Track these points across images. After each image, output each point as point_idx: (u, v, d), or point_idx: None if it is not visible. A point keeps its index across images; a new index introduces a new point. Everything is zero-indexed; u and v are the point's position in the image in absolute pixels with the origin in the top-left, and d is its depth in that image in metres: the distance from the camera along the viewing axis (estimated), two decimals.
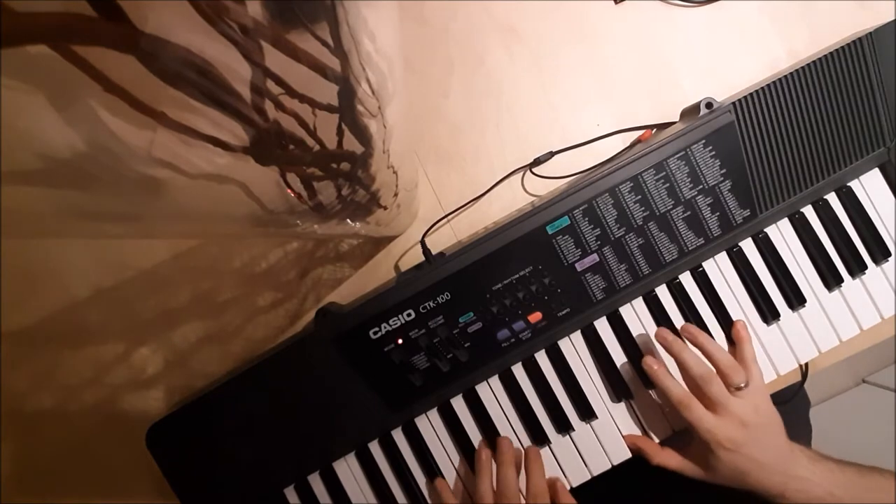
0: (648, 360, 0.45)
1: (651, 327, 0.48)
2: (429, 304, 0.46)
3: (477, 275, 0.46)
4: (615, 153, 0.52)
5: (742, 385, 0.43)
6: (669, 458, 0.45)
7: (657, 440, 0.47)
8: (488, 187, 0.52)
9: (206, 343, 0.53)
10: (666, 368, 0.45)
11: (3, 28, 0.09)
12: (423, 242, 0.47)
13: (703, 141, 0.45)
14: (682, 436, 0.46)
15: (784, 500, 0.41)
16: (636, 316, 0.49)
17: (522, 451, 0.48)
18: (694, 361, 0.44)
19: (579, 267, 0.46)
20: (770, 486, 0.41)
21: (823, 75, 0.45)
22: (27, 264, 0.53)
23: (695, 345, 0.46)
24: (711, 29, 0.52)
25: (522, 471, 0.47)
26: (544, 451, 0.48)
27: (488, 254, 0.45)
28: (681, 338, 0.46)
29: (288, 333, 0.53)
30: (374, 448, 0.50)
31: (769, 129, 0.45)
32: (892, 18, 0.45)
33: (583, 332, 0.49)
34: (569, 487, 0.48)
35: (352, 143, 0.23)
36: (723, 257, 0.48)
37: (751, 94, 0.45)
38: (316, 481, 0.49)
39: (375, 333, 0.46)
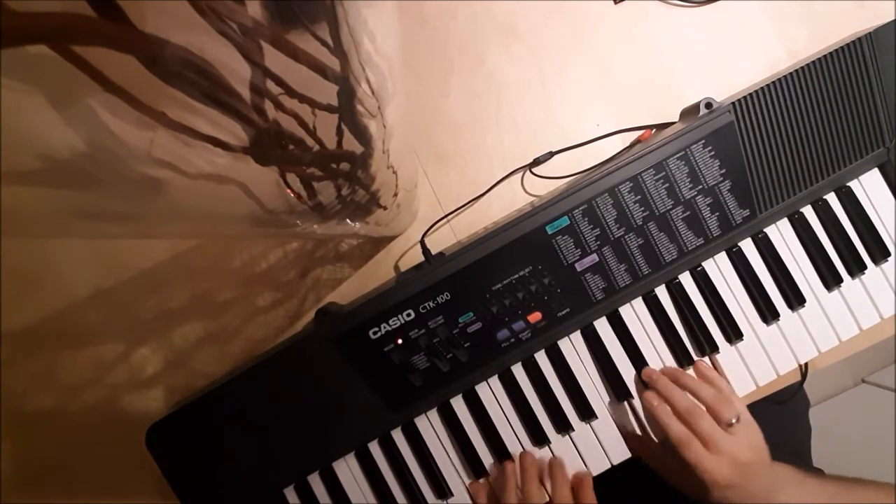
0: (648, 396, 0.45)
1: (651, 327, 0.48)
2: (429, 304, 0.46)
3: (477, 275, 0.46)
4: (615, 153, 0.52)
5: (733, 421, 0.42)
6: (657, 463, 0.46)
7: (658, 440, 0.47)
8: (488, 187, 0.52)
9: (206, 343, 0.53)
10: (666, 407, 0.45)
11: (3, 28, 0.09)
12: (422, 242, 0.47)
13: (703, 141, 0.45)
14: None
15: None
16: (636, 316, 0.49)
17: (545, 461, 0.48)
18: (679, 397, 0.44)
19: (579, 267, 0.46)
20: None
21: (823, 75, 0.45)
22: (27, 264, 0.53)
23: (679, 386, 0.46)
24: (711, 29, 0.52)
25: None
26: (543, 452, 0.48)
27: (488, 254, 0.45)
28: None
29: (288, 333, 0.53)
30: (374, 448, 0.50)
31: (769, 130, 0.45)
32: (892, 18, 0.45)
33: (582, 332, 0.49)
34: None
35: (352, 143, 0.23)
36: (722, 257, 0.49)
37: (750, 94, 0.45)
38: (316, 481, 0.49)
39: (375, 333, 0.46)
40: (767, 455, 0.43)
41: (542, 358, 0.49)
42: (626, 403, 0.48)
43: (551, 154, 0.52)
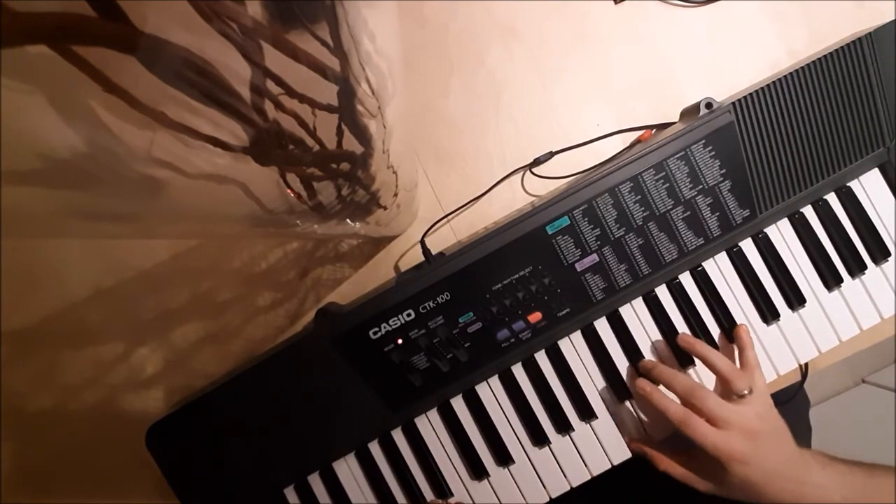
0: (641, 383, 0.45)
1: (651, 327, 0.48)
2: (429, 304, 0.46)
3: (477, 275, 0.46)
4: (615, 153, 0.52)
5: (745, 392, 0.42)
6: (676, 469, 0.45)
7: (658, 440, 0.47)
8: (488, 187, 0.52)
9: (206, 343, 0.53)
10: (660, 391, 0.44)
11: (3, 28, 0.09)
12: (422, 242, 0.47)
13: (703, 141, 0.45)
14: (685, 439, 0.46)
15: None
16: (636, 316, 0.49)
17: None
18: (678, 379, 0.44)
19: (579, 267, 0.46)
20: (784, 497, 0.40)
21: (823, 75, 0.45)
22: (27, 264, 0.53)
23: (693, 354, 0.46)
24: (711, 29, 0.52)
25: None
26: (544, 451, 0.48)
27: (488, 254, 0.45)
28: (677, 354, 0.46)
29: (288, 333, 0.53)
30: (374, 448, 0.50)
31: (769, 129, 0.45)
32: (892, 18, 0.45)
33: (583, 332, 0.49)
34: (569, 488, 0.48)
35: (352, 143, 0.23)
36: (722, 257, 0.49)
37: (750, 94, 0.45)
38: (316, 481, 0.49)
39: (375, 333, 0.46)
40: (785, 431, 0.42)
41: (542, 358, 0.49)
42: (626, 403, 0.48)
43: (551, 154, 0.52)
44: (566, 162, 0.53)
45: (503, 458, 0.48)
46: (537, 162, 0.52)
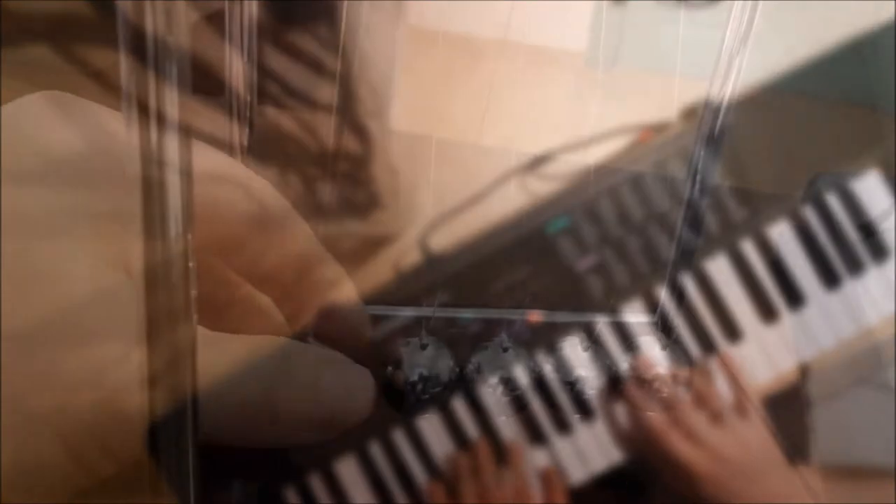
0: (627, 385, 0.45)
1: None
2: (428, 305, 0.46)
3: (477, 275, 0.46)
4: (615, 153, 0.52)
5: (720, 412, 0.41)
6: (683, 452, 0.44)
7: (654, 438, 0.47)
8: (488, 187, 0.52)
9: (206, 343, 0.53)
10: (643, 395, 0.44)
11: (3, 28, 0.09)
12: (423, 243, 0.47)
13: (703, 141, 0.45)
14: None
15: None
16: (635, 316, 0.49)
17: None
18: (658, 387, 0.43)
19: (579, 267, 0.46)
20: None
21: (822, 75, 0.45)
22: (27, 264, 0.53)
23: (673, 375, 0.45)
24: (711, 29, 0.52)
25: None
26: (544, 451, 0.48)
27: (488, 254, 0.45)
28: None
29: None
30: (375, 448, 0.50)
31: (769, 129, 0.45)
32: (893, 18, 0.45)
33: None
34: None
35: (352, 143, 0.23)
36: (722, 257, 0.49)
37: (750, 95, 0.45)
38: (316, 481, 0.49)
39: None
40: (783, 470, 0.41)
41: (541, 358, 0.49)
42: (626, 404, 0.48)
43: (551, 154, 0.52)
44: (566, 162, 0.53)
45: (503, 457, 0.48)
46: (537, 162, 0.52)
